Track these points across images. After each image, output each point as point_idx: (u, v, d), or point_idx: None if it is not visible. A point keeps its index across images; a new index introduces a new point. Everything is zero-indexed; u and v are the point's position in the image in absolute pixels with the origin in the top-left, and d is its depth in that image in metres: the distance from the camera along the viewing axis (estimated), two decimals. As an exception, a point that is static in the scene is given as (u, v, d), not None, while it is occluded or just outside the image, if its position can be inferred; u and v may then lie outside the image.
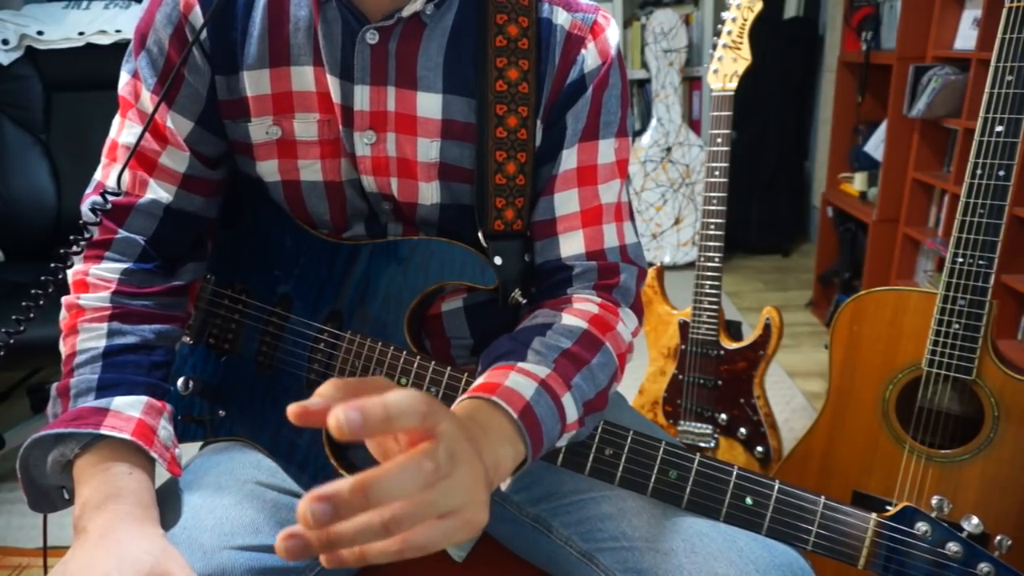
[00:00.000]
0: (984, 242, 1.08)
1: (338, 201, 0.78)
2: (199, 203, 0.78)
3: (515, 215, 0.75)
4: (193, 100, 0.74)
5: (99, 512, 0.62)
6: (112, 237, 0.74)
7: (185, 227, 0.78)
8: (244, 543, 0.67)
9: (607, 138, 0.76)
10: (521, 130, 0.73)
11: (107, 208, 0.73)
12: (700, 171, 3.19)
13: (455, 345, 0.83)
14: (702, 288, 1.49)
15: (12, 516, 1.77)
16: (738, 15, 1.46)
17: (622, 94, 0.77)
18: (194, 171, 0.76)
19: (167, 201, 0.75)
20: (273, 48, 0.72)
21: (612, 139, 0.77)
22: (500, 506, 0.81)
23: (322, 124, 0.74)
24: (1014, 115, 1.06)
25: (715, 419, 1.53)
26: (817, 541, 0.58)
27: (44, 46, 2.05)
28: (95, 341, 0.70)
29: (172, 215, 0.76)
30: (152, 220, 0.75)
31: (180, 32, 0.72)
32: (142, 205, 0.74)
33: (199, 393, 0.80)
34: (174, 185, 0.75)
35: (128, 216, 0.74)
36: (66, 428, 0.64)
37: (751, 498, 0.60)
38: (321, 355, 0.74)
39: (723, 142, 1.44)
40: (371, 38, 0.71)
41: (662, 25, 3.12)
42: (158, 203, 0.75)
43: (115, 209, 0.74)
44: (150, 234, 0.75)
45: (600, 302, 0.74)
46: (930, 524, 0.57)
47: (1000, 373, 1.10)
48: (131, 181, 0.75)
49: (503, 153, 0.73)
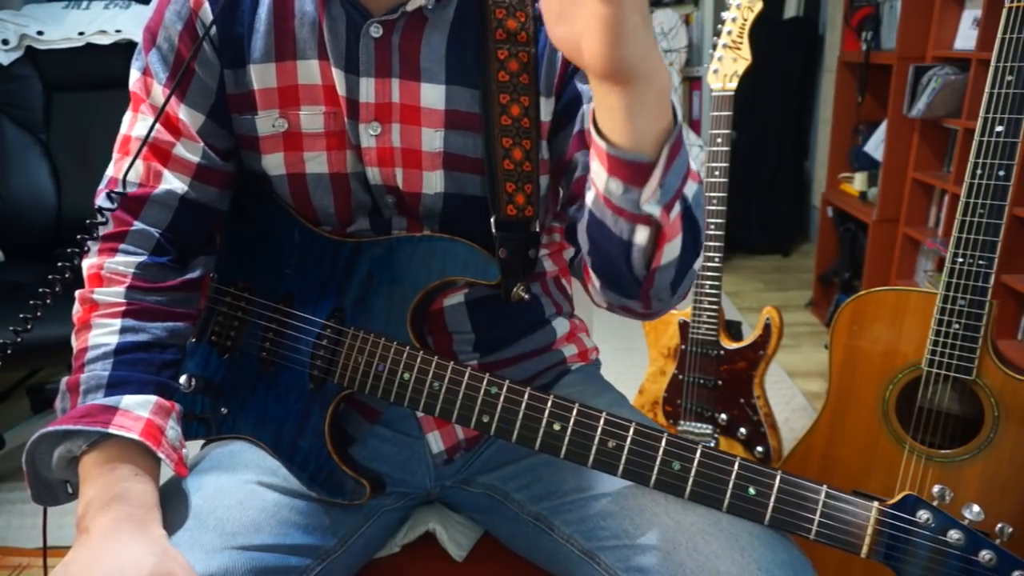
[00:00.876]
0: (984, 242, 1.08)
1: (343, 194, 0.78)
2: (213, 194, 0.78)
3: (525, 200, 0.76)
4: (204, 94, 0.75)
5: (102, 513, 0.62)
6: (127, 229, 0.74)
7: (200, 219, 0.78)
8: (245, 543, 0.67)
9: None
10: (524, 119, 0.74)
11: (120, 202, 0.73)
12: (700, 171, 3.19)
13: (457, 340, 0.83)
14: (702, 288, 1.49)
15: (12, 516, 1.76)
16: (738, 15, 1.46)
17: None
18: (208, 161, 0.76)
19: (182, 191, 0.75)
20: (279, 42, 0.73)
21: None
22: (501, 505, 0.81)
23: (328, 116, 0.75)
24: (1014, 115, 1.06)
25: (715, 419, 1.53)
26: (820, 530, 0.59)
27: (44, 46, 2.06)
28: (107, 337, 0.70)
29: (187, 206, 0.76)
30: (167, 211, 0.75)
31: (191, 27, 0.73)
32: (157, 196, 0.75)
33: (201, 391, 0.80)
34: (188, 176, 0.76)
35: (143, 207, 0.74)
36: (74, 425, 0.64)
37: (754, 488, 0.60)
38: (324, 352, 0.74)
39: (723, 142, 1.44)
40: (375, 32, 0.72)
41: (662, 25, 3.12)
42: (173, 193, 0.75)
43: (130, 201, 0.74)
44: (165, 226, 0.75)
45: None
46: (931, 512, 0.57)
47: (1000, 373, 1.10)
48: (145, 173, 0.75)
49: (509, 140, 0.74)
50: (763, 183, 3.32)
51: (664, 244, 0.62)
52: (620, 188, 0.58)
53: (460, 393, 0.68)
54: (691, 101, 3.35)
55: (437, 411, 0.69)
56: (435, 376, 0.69)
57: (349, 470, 0.73)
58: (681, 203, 0.60)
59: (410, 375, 0.70)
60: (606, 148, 0.57)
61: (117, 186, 0.74)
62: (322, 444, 0.73)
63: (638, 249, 0.62)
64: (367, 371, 0.72)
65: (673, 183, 0.58)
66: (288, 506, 0.72)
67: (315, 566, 0.72)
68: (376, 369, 0.72)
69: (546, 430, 0.65)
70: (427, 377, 0.69)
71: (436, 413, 0.69)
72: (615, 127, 0.55)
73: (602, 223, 0.62)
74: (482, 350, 0.84)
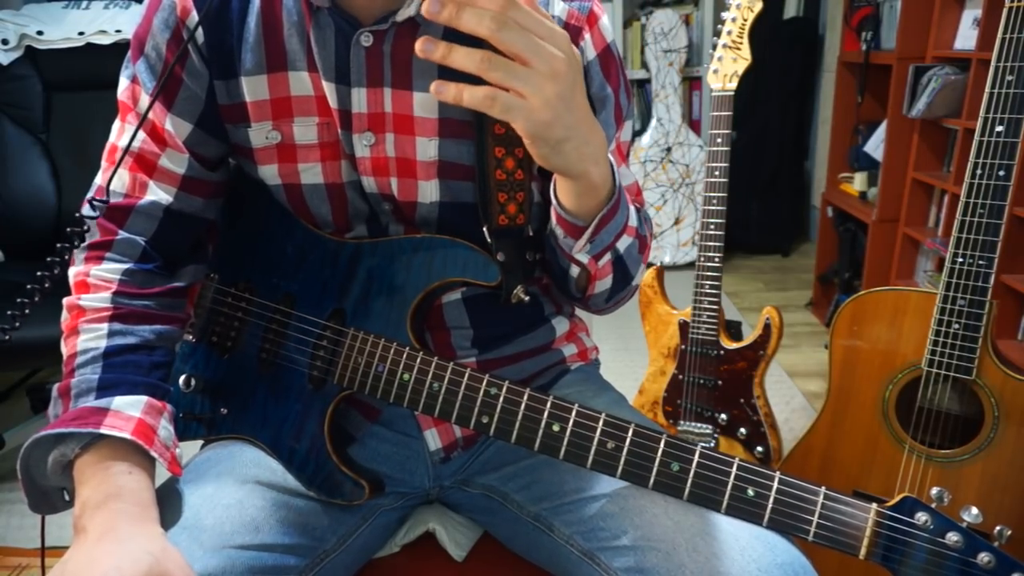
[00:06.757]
0: (984, 242, 1.08)
1: (340, 203, 0.78)
2: (198, 205, 0.78)
3: (517, 209, 0.75)
4: (192, 103, 0.74)
5: (99, 511, 0.62)
6: (113, 238, 0.74)
7: (185, 228, 0.78)
8: (244, 542, 0.67)
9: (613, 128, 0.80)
10: None
11: (103, 211, 0.73)
12: (700, 171, 3.19)
13: (455, 335, 0.83)
14: (702, 288, 1.49)
15: (12, 516, 1.77)
16: (738, 15, 1.46)
17: (622, 80, 0.80)
18: (193, 173, 0.76)
19: (167, 203, 0.76)
20: (269, 53, 0.73)
21: (618, 130, 0.80)
22: (501, 505, 0.81)
23: (321, 127, 0.75)
24: (1014, 115, 1.06)
25: (715, 419, 1.53)
26: (818, 532, 0.59)
27: (44, 46, 2.06)
28: (96, 341, 0.70)
29: (172, 216, 0.76)
30: (152, 221, 0.76)
31: (178, 36, 0.72)
32: (142, 207, 0.75)
33: (201, 391, 0.80)
34: (174, 187, 0.76)
35: (128, 217, 0.75)
36: (66, 428, 0.64)
37: (752, 489, 0.60)
38: (324, 352, 0.74)
39: (723, 142, 1.44)
40: (366, 41, 0.71)
41: (662, 25, 3.12)
42: (158, 204, 0.75)
43: (116, 210, 0.74)
44: (150, 235, 0.76)
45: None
46: (930, 514, 0.57)
47: (1000, 373, 1.10)
48: (131, 183, 0.75)
49: (502, 149, 0.74)
50: (763, 183, 3.32)
51: (595, 281, 0.77)
52: (561, 234, 0.72)
53: (459, 394, 0.68)
54: (691, 101, 3.35)
55: (437, 412, 0.69)
56: (435, 377, 0.69)
57: (348, 471, 0.73)
58: (612, 253, 0.75)
59: (410, 376, 0.70)
60: (554, 204, 0.71)
61: (102, 195, 0.74)
62: (321, 445, 0.73)
63: (572, 279, 0.78)
64: (367, 371, 0.72)
65: (604, 239, 0.72)
66: (287, 506, 0.72)
67: (314, 566, 0.72)
68: (376, 370, 0.72)
69: (545, 431, 0.65)
70: (427, 378, 0.69)
71: (436, 414, 0.69)
72: (562, 194, 0.69)
73: (552, 249, 0.77)
74: (480, 346, 0.84)
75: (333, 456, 0.73)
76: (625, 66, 3.24)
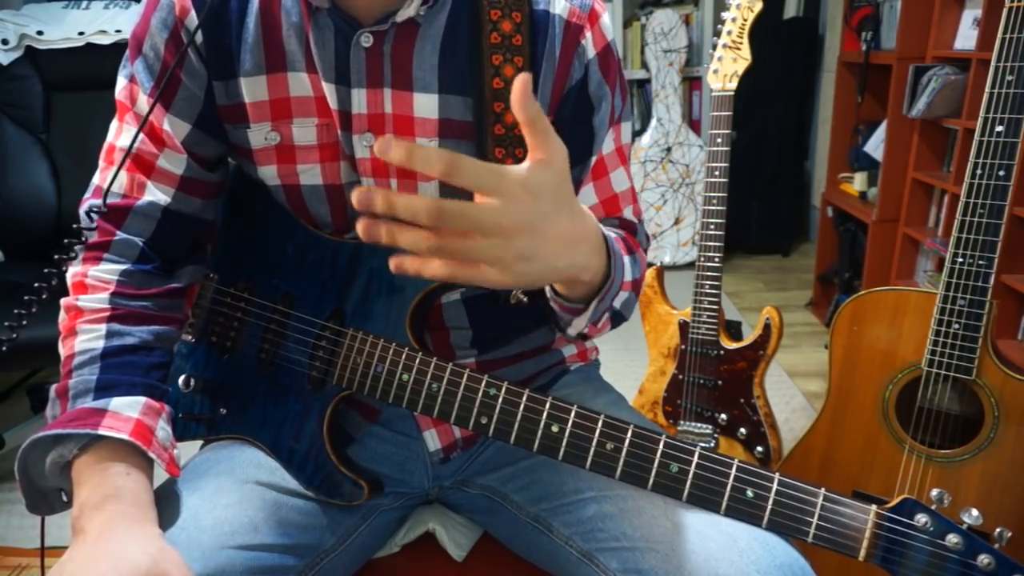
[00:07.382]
0: (984, 242, 1.08)
1: (339, 204, 0.78)
2: (197, 205, 0.78)
3: None
4: (190, 103, 0.74)
5: (97, 512, 0.62)
6: (111, 239, 0.74)
7: (183, 229, 0.78)
8: (243, 543, 0.67)
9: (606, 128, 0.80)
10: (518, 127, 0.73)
11: (104, 212, 0.73)
12: (700, 171, 3.19)
13: (455, 335, 0.83)
14: (702, 288, 1.49)
15: (12, 516, 1.77)
16: (738, 15, 1.46)
17: (619, 80, 0.80)
18: (192, 173, 0.76)
19: (165, 203, 0.75)
20: (269, 55, 0.72)
21: (609, 129, 0.80)
22: (500, 506, 0.81)
23: (320, 128, 0.75)
24: (1014, 115, 1.06)
25: (715, 419, 1.53)
26: (817, 533, 0.59)
27: (44, 46, 2.06)
28: (93, 342, 0.70)
29: (170, 217, 0.76)
30: (150, 222, 0.75)
31: (176, 36, 0.72)
32: (140, 207, 0.75)
33: (200, 391, 0.80)
34: (172, 187, 0.76)
35: (126, 218, 0.75)
36: (64, 429, 0.64)
37: (752, 491, 0.60)
38: (323, 352, 0.74)
39: (723, 142, 1.44)
40: (365, 41, 0.71)
41: (662, 25, 3.12)
42: (156, 205, 0.75)
43: (113, 211, 0.74)
44: (148, 236, 0.75)
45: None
46: (930, 516, 0.57)
47: (1000, 373, 1.10)
48: (129, 184, 0.75)
49: (502, 150, 0.74)
50: (763, 183, 3.32)
51: (593, 335, 0.81)
52: (558, 312, 0.74)
53: (458, 394, 0.68)
54: (691, 101, 3.35)
55: (436, 412, 0.69)
56: (434, 377, 0.69)
57: (347, 471, 0.73)
58: (610, 312, 0.77)
59: (409, 376, 0.70)
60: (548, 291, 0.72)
61: (100, 196, 0.74)
62: (320, 445, 0.73)
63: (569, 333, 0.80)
64: (366, 372, 0.72)
65: (601, 308, 0.73)
66: (286, 506, 0.72)
67: (313, 566, 0.72)
68: (375, 370, 0.72)
69: (544, 432, 0.65)
70: (426, 378, 0.69)
71: (435, 414, 0.69)
72: (559, 285, 0.70)
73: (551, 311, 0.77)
74: (480, 347, 0.84)
75: (332, 456, 0.73)
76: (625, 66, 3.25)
